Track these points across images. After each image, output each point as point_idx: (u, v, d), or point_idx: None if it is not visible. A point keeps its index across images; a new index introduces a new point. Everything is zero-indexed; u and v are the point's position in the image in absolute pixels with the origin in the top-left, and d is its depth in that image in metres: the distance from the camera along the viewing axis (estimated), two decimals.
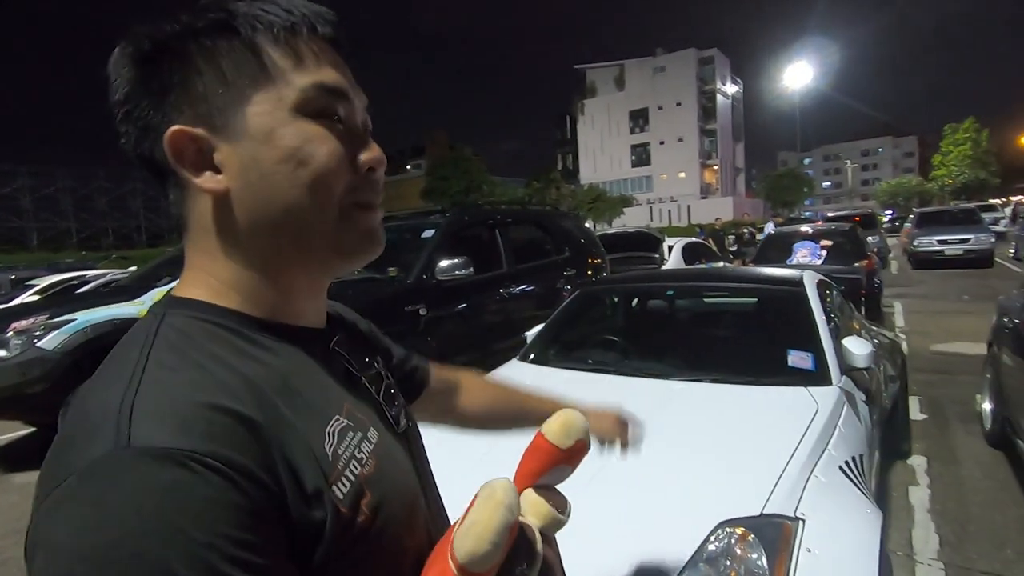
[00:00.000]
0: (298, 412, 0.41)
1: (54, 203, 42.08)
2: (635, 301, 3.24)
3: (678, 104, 54.96)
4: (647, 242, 8.10)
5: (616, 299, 3.28)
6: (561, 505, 0.50)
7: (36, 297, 8.18)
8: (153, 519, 0.31)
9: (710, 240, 11.02)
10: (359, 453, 0.44)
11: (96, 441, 0.34)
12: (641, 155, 57.53)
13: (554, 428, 0.52)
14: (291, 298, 0.48)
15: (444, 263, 3.63)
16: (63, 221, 41.95)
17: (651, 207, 51.20)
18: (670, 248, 7.92)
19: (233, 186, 0.43)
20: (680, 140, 55.12)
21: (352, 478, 0.42)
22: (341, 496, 0.40)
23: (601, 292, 3.46)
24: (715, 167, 56.77)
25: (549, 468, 0.50)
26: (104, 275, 8.88)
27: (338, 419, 0.44)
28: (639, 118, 57.34)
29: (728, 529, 1.24)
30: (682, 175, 54.95)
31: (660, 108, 55.78)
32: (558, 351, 2.70)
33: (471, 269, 3.72)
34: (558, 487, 0.53)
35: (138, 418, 0.34)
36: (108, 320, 4.70)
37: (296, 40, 0.45)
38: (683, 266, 7.59)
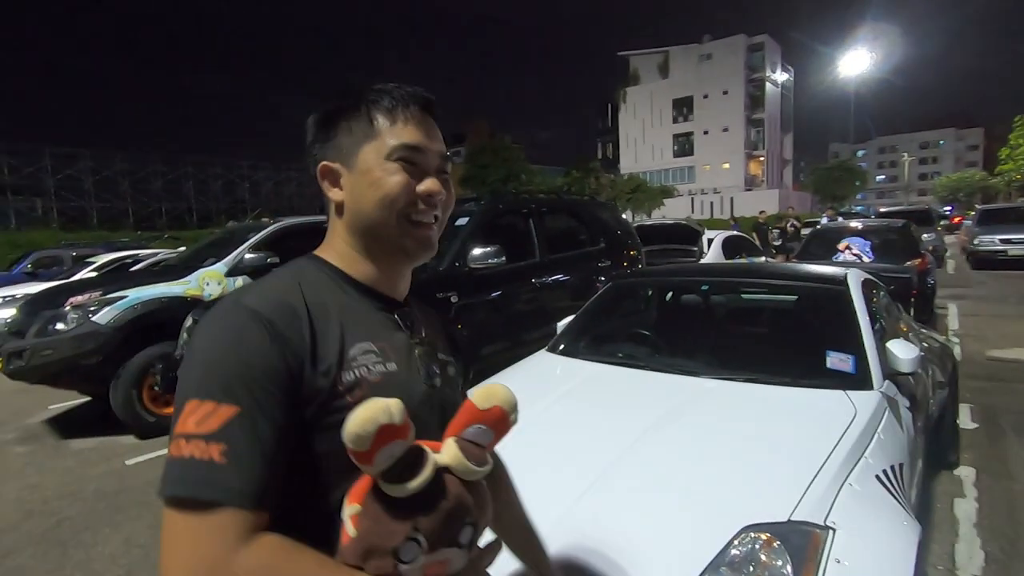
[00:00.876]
0: (345, 326, 0.67)
1: (113, 185, 44.14)
2: (669, 295, 3.17)
3: (724, 93, 53.26)
4: (686, 234, 7.90)
5: (650, 292, 3.22)
6: (476, 457, 0.58)
7: (94, 274, 8.64)
8: (227, 336, 0.60)
9: (754, 234, 10.68)
10: (371, 367, 0.66)
11: (229, 298, 0.65)
12: (684, 145, 56.10)
13: (477, 392, 0.62)
14: (376, 274, 0.74)
15: (477, 251, 3.64)
16: (120, 202, 43.99)
17: (692, 198, 49.96)
18: (710, 241, 7.71)
19: (347, 199, 0.72)
20: (725, 130, 53.49)
21: (355, 376, 0.64)
22: (342, 380, 0.63)
23: (635, 284, 3.40)
24: (761, 158, 54.88)
25: (468, 424, 0.60)
26: (155, 254, 9.28)
27: (369, 344, 0.68)
28: (683, 107, 55.86)
29: (752, 534, 1.20)
30: (726, 166, 53.40)
31: (705, 97, 54.19)
32: (588, 343, 2.67)
33: (503, 258, 3.71)
34: (492, 449, 0.64)
35: (249, 292, 0.65)
36: (156, 298, 4.93)
37: (396, 112, 0.72)
38: (722, 260, 7.39)
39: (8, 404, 5.17)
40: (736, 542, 1.19)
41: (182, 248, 9.31)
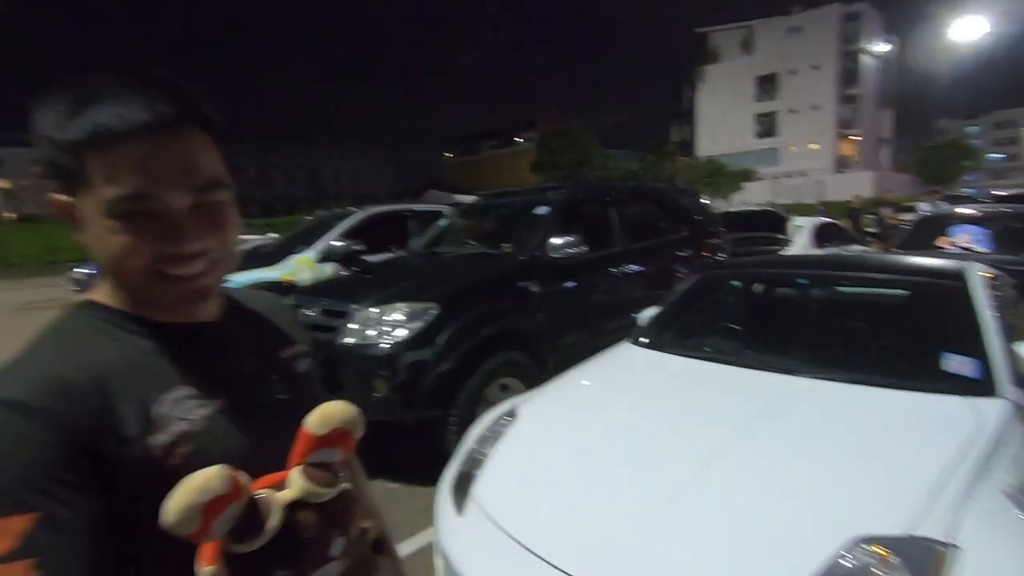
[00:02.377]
0: (144, 382, 0.57)
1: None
2: (761, 288, 3.04)
3: (814, 68, 49.53)
4: (771, 221, 7.49)
5: (740, 285, 3.10)
6: (324, 481, 0.57)
7: None
8: None
9: (849, 221, 9.95)
10: (190, 416, 0.58)
11: None
12: (767, 125, 52.89)
13: (311, 419, 0.58)
14: (161, 309, 0.61)
15: (557, 240, 3.63)
16: None
17: (775, 182, 47.20)
18: (798, 229, 7.27)
19: (86, 240, 0.58)
20: (814, 108, 49.84)
21: (172, 434, 0.56)
22: (156, 444, 0.54)
23: (724, 276, 3.28)
24: (855, 137, 50.82)
25: (310, 451, 0.57)
26: (248, 240, 9.97)
27: (180, 389, 0.58)
28: (767, 84, 52.55)
29: (865, 547, 1.15)
30: (814, 147, 49.87)
31: (793, 73, 50.65)
32: (674, 336, 2.62)
33: (584, 247, 3.69)
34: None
35: (6, 381, 0.52)
36: (255, 282, 5.32)
37: (111, 146, 0.53)
38: (812, 250, 6.95)
39: None
40: (847, 554, 1.14)
41: (273, 235, 9.93)
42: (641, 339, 2.59)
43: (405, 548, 2.47)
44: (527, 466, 1.79)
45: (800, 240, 7.08)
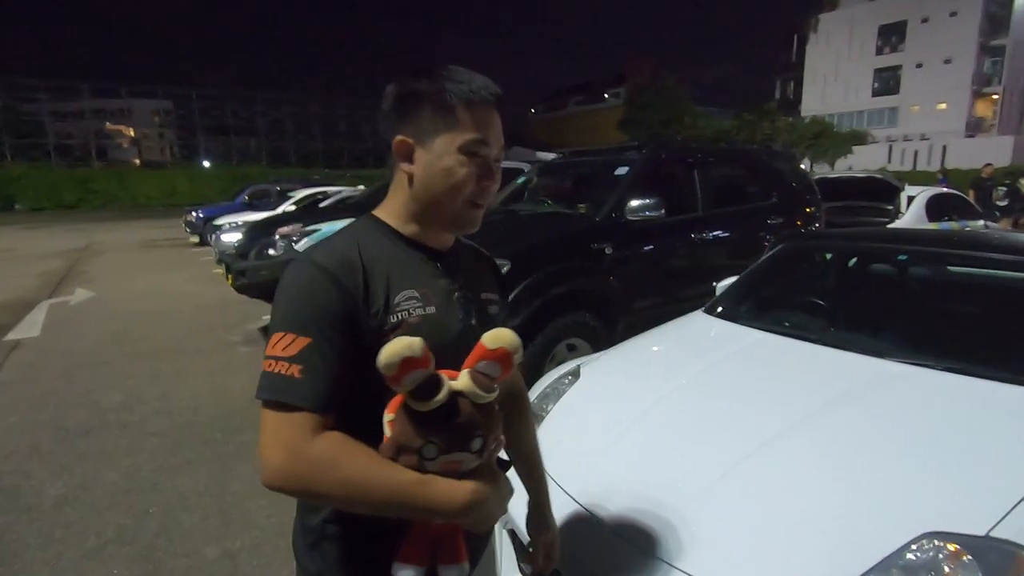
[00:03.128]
0: (393, 276, 0.81)
1: (307, 126, 50.31)
2: (853, 262, 2.81)
3: (952, 15, 43.26)
4: (880, 190, 6.78)
5: (830, 257, 2.88)
6: (484, 385, 0.72)
7: (293, 207, 10.02)
8: (302, 285, 0.76)
9: (971, 192, 8.87)
10: (413, 310, 0.80)
11: (303, 254, 0.81)
12: (888, 81, 47.24)
13: (487, 335, 0.73)
14: (424, 233, 0.87)
15: (635, 203, 3.53)
16: (312, 142, 49.99)
17: (891, 146, 42.48)
18: (910, 199, 6.57)
19: (417, 174, 0.83)
20: (947, 62, 43.79)
21: (398, 318, 0.79)
22: (388, 322, 0.78)
23: (812, 247, 3.07)
24: (995, 96, 44.40)
25: (480, 359, 0.73)
26: (339, 192, 10.46)
27: (412, 291, 0.82)
28: (891, 35, 46.64)
29: (936, 543, 1.08)
30: (942, 106, 44.12)
31: (925, 21, 44.56)
32: (751, 308, 2.50)
33: (662, 211, 3.56)
34: (498, 381, 0.75)
35: (319, 250, 0.80)
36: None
37: (475, 107, 0.81)
38: (925, 224, 6.28)
39: (235, 312, 6.36)
40: (915, 547, 1.09)
41: (362, 187, 10.35)
42: (716, 309, 2.50)
43: None
44: (585, 425, 1.81)
45: (912, 212, 6.41)
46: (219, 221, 10.04)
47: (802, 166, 5.47)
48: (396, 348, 0.66)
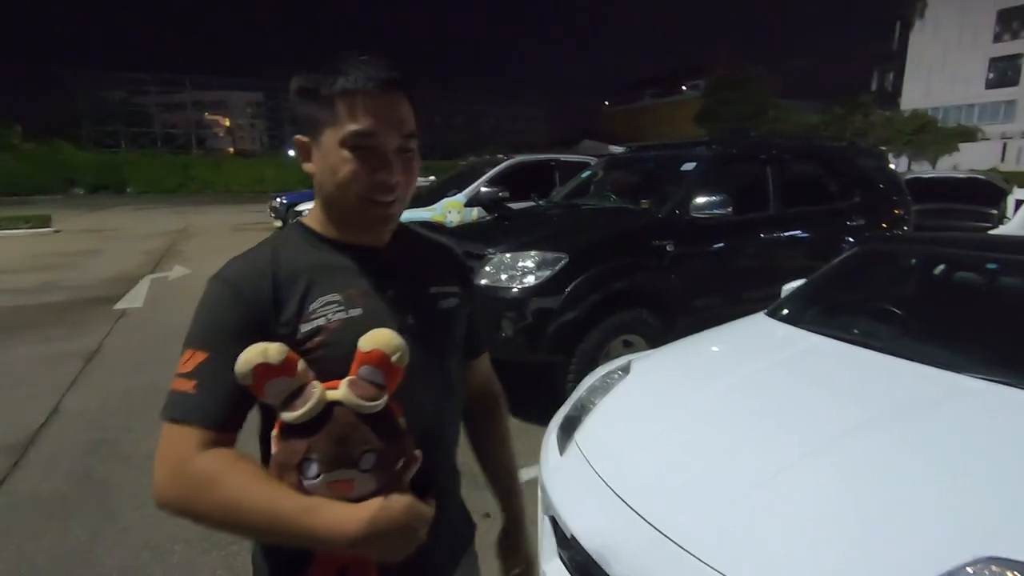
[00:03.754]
0: (313, 281, 0.76)
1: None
2: (937, 269, 2.62)
3: None
4: (983, 192, 6.21)
5: (911, 262, 2.70)
6: (365, 393, 0.65)
7: None
8: (206, 301, 0.74)
9: None
10: (332, 316, 0.75)
11: (217, 271, 0.76)
12: (1005, 71, 42.58)
13: (364, 336, 0.68)
14: (347, 232, 0.81)
15: (700, 199, 3.44)
16: None
17: (1006, 144, 38.33)
18: (1019, 204, 5.96)
19: (315, 173, 0.78)
20: None
21: (314, 325, 0.74)
22: (300, 331, 0.73)
23: (891, 251, 2.88)
24: None
25: (359, 364, 0.67)
26: None
27: (334, 295, 0.76)
28: (1012, 20, 41.93)
29: (995, 568, 1.02)
30: None
31: None
32: (818, 312, 2.39)
33: (729, 208, 3.45)
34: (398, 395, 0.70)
35: (228, 265, 0.77)
36: (409, 221, 5.81)
37: (353, 96, 0.73)
38: None
39: None
40: (971, 570, 1.03)
41: (432, 178, 10.63)
42: (780, 311, 2.41)
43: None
44: (631, 419, 1.82)
45: (1019, 218, 5.82)
46: (300, 207, 10.64)
47: (892, 164, 5.10)
48: (248, 355, 0.61)
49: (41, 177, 28.00)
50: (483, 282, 3.21)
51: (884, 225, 4.44)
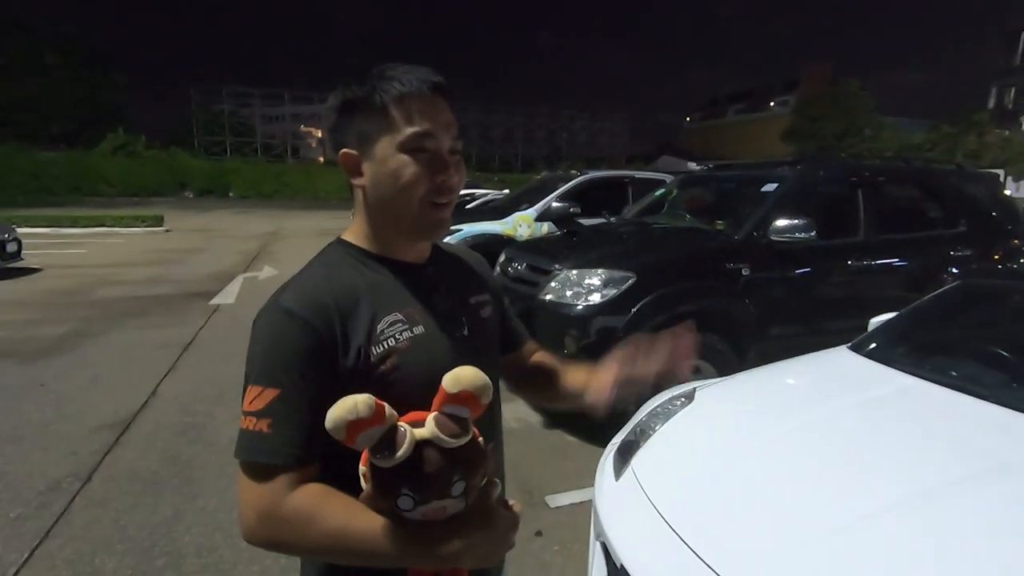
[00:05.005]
0: (374, 304, 0.75)
1: (463, 131, 53.78)
2: None
3: None
4: None
5: (1021, 299, 2.42)
6: (451, 431, 0.65)
7: None
8: (270, 333, 0.72)
9: None
10: (399, 335, 0.75)
11: (272, 298, 0.75)
12: None
13: (447, 377, 0.66)
14: (392, 246, 0.81)
15: (781, 222, 3.27)
16: (468, 146, 53.24)
17: None
18: None
19: (367, 185, 0.77)
20: None
21: (385, 347, 0.74)
22: (373, 354, 0.73)
23: (1000, 285, 2.60)
24: None
25: (443, 404, 0.66)
26: (486, 195, 11.00)
27: (396, 314, 0.76)
28: None
29: None
30: None
31: None
32: (910, 351, 2.20)
33: (813, 232, 3.25)
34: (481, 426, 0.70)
35: (287, 292, 0.75)
36: (482, 233, 5.93)
37: (408, 101, 0.73)
38: None
39: None
40: None
41: (506, 191, 10.80)
42: (865, 346, 2.23)
43: (572, 497, 2.64)
44: (692, 451, 1.74)
45: None
46: None
47: (1008, 190, 4.61)
48: (338, 413, 0.61)
49: (158, 181, 31.12)
50: (548, 298, 3.21)
51: (996, 257, 4.01)
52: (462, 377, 0.66)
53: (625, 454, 1.86)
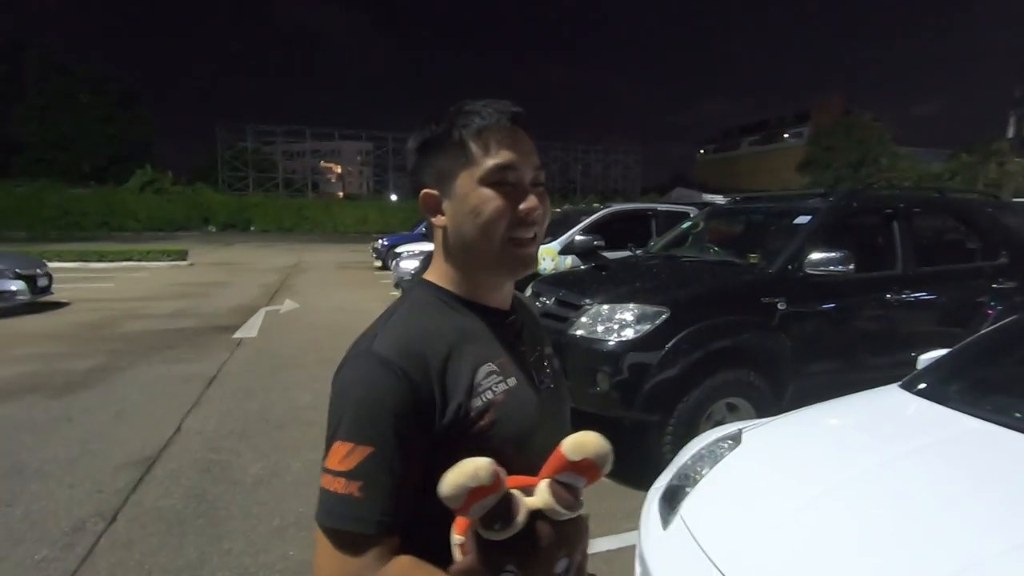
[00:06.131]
0: (467, 353, 0.70)
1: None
2: None
3: None
4: None
5: None
6: (566, 502, 0.59)
7: None
8: (363, 383, 0.65)
9: None
10: (495, 388, 0.70)
11: (362, 345, 0.69)
12: None
13: (567, 442, 0.61)
14: (479, 289, 0.76)
15: (816, 256, 3.19)
16: None
17: None
18: None
19: (449, 225, 0.73)
20: None
21: (483, 400, 0.68)
22: (472, 408, 0.67)
23: None
24: None
25: (558, 471, 0.60)
26: None
27: (490, 364, 0.71)
28: None
29: None
30: None
31: None
32: (966, 388, 2.09)
33: (851, 266, 3.17)
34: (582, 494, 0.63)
35: (381, 340, 0.68)
36: None
37: (487, 134, 0.70)
38: None
39: None
40: None
41: None
42: (918, 385, 2.14)
43: (608, 543, 2.52)
44: (745, 499, 1.65)
45: None
46: (399, 248, 11.23)
47: None
48: (458, 479, 0.56)
49: (183, 216, 31.95)
50: (578, 333, 3.15)
51: None
52: (587, 444, 0.60)
53: (672, 500, 1.78)
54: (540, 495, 0.60)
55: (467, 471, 0.56)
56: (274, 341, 6.43)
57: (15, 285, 7.55)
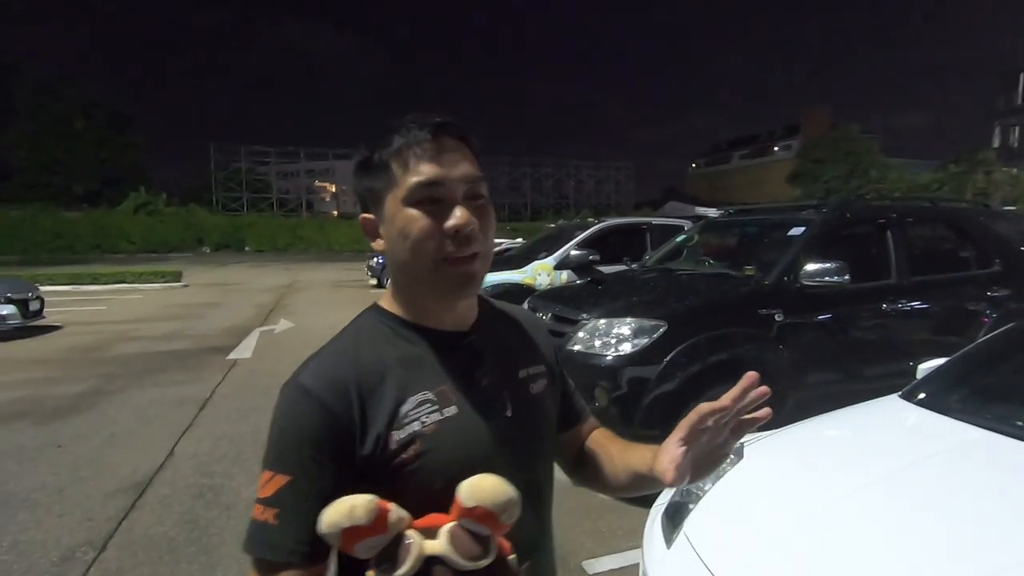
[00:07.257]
0: (403, 380, 0.67)
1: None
2: None
3: None
4: None
5: None
6: (468, 551, 0.55)
7: None
8: (285, 413, 0.65)
9: None
10: (426, 418, 0.66)
11: (294, 374, 0.68)
12: None
13: (463, 486, 0.57)
14: (428, 312, 0.73)
15: (812, 267, 3.20)
16: None
17: None
18: None
19: (386, 248, 0.71)
20: None
21: (408, 433, 0.65)
22: (394, 440, 0.64)
23: None
24: None
25: (456, 518, 0.57)
26: (500, 244, 11.09)
27: (424, 393, 0.68)
28: None
29: None
30: None
31: None
32: (966, 398, 2.08)
33: (847, 276, 3.18)
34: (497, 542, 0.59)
35: (307, 369, 0.68)
36: (502, 282, 5.91)
37: (406, 152, 0.67)
38: None
39: None
40: None
41: (520, 240, 10.88)
42: (917, 395, 2.12)
43: (610, 563, 2.48)
44: (749, 514, 1.63)
45: None
46: None
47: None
48: (332, 517, 0.53)
49: (177, 237, 31.87)
50: (576, 348, 3.13)
51: None
52: (481, 489, 0.57)
53: (675, 517, 1.75)
54: (440, 540, 0.56)
55: (342, 509, 0.53)
56: (269, 361, 6.37)
57: (6, 309, 7.48)
